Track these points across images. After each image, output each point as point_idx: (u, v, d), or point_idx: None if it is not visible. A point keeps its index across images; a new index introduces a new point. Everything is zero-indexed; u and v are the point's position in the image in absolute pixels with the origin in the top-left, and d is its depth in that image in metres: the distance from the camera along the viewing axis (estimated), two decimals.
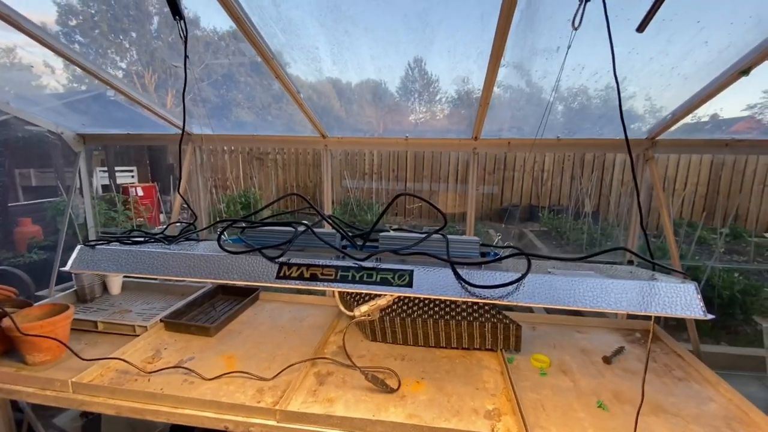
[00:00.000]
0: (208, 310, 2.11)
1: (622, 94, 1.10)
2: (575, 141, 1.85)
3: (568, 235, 6.03)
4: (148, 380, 1.49)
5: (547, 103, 1.56)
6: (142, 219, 7.07)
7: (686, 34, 1.15)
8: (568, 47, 1.13)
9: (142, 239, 1.07)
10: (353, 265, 0.87)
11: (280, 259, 0.90)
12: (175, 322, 1.88)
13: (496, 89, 1.45)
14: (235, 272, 0.90)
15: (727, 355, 2.68)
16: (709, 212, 6.84)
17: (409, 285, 0.83)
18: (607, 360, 1.65)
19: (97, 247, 0.99)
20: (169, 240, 1.10)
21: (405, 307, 1.78)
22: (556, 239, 6.26)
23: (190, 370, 1.54)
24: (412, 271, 0.85)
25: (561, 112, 1.76)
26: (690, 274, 3.34)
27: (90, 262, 0.95)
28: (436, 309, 1.74)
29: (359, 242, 1.11)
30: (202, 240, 1.18)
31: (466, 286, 0.82)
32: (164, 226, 1.26)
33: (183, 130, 1.36)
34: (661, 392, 1.47)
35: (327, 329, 1.88)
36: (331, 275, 0.86)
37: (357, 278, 0.85)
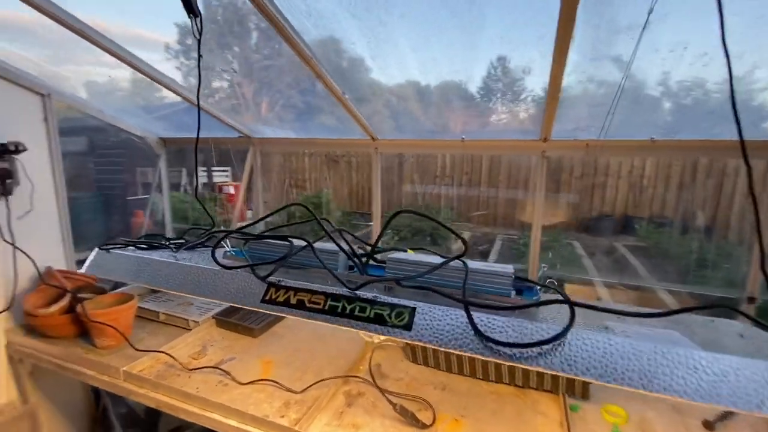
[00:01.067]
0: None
1: (746, 80, 0.81)
2: (677, 143, 1.48)
3: (672, 252, 5.14)
4: (189, 377, 1.53)
5: (646, 99, 1.25)
6: (230, 215, 7.76)
7: None
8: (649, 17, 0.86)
9: (156, 244, 1.07)
10: (345, 293, 0.74)
11: (271, 279, 0.81)
12: (224, 320, 1.93)
13: (566, 80, 1.20)
14: (223, 290, 0.83)
15: None
16: None
17: (407, 328, 0.67)
18: (709, 426, 1.28)
19: (112, 251, 1.01)
20: (177, 247, 1.09)
21: None
22: (655, 257, 5.38)
23: (226, 372, 1.55)
24: (413, 309, 0.69)
25: (656, 106, 1.41)
26: None
27: (104, 267, 0.97)
28: None
29: (367, 263, 0.97)
30: (214, 248, 1.15)
31: (482, 339, 0.63)
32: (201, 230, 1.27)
33: (198, 131, 1.33)
34: None
35: (366, 343, 1.78)
36: (319, 304, 0.74)
37: (348, 311, 0.72)
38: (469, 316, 0.67)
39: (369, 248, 1.01)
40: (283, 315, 0.75)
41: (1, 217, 1.74)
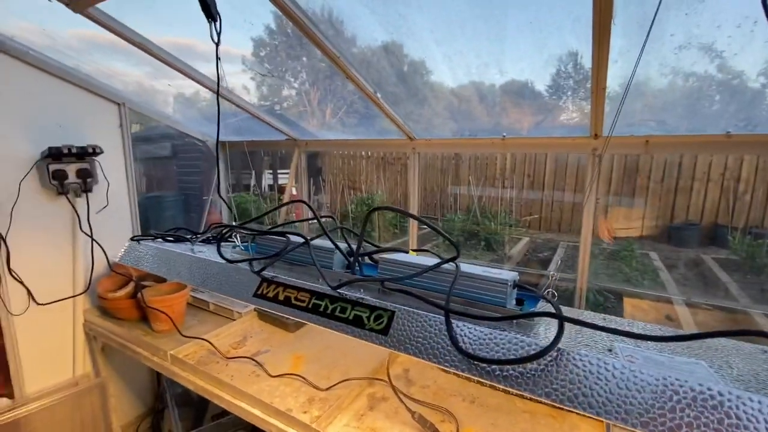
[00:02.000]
0: None
1: None
2: (758, 138, 1.24)
3: None
4: (226, 365, 1.62)
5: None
6: (293, 214, 8.21)
7: None
8: None
9: (181, 237, 1.14)
10: (330, 293, 0.71)
11: (265, 274, 0.81)
12: (265, 312, 2.02)
13: (612, 69, 1.06)
14: (225, 283, 0.85)
15: None
16: None
17: (384, 332, 0.62)
18: None
19: (142, 242, 1.09)
20: (202, 240, 1.14)
21: None
22: (750, 273, 4.63)
23: (259, 364, 1.61)
24: (393, 313, 0.64)
25: (728, 96, 1.19)
26: None
27: (132, 258, 1.06)
28: None
29: (362, 261, 0.93)
30: (219, 241, 1.18)
31: (458, 351, 0.56)
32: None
33: (218, 134, 1.38)
34: None
35: None
36: (304, 302, 0.72)
37: (329, 311, 0.69)
38: (448, 324, 0.61)
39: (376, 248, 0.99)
40: (271, 312, 0.75)
41: (82, 211, 1.99)
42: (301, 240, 0.94)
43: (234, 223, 1.02)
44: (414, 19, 1.03)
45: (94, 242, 2.01)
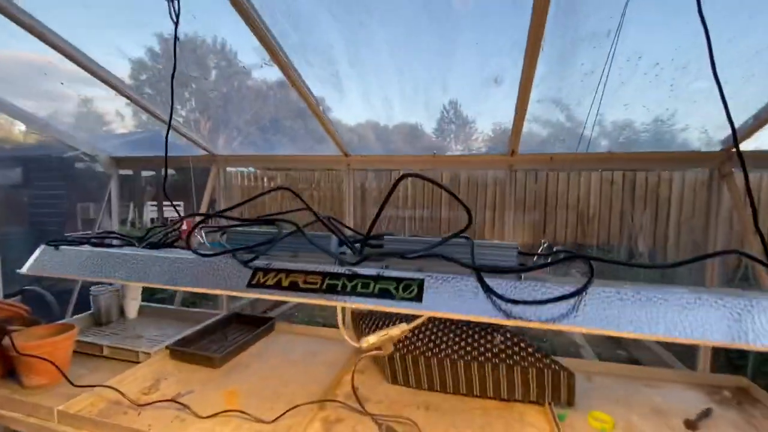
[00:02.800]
0: (220, 339, 1.96)
1: (687, 88, 0.89)
2: (632, 156, 1.60)
3: (622, 276, 5.44)
4: (138, 414, 1.33)
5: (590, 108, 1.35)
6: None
7: None
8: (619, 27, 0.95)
9: (113, 241, 0.96)
10: (345, 272, 0.68)
11: (256, 263, 0.73)
12: (180, 350, 1.74)
13: (534, 92, 1.27)
14: (203, 278, 0.74)
15: None
16: None
17: (418, 299, 0.62)
18: (691, 425, 1.29)
19: (62, 247, 0.88)
20: (145, 245, 0.98)
21: (431, 344, 1.53)
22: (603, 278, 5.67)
23: (184, 405, 1.36)
24: (422, 280, 0.65)
25: (611, 121, 1.54)
26: None
27: (51, 265, 0.84)
28: (468, 348, 1.48)
29: (362, 248, 0.91)
30: (189, 233, 1.03)
31: (499, 301, 0.60)
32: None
33: (169, 122, 1.26)
34: None
35: (342, 367, 1.66)
36: (316, 284, 0.67)
37: (349, 289, 0.66)
38: (481, 281, 0.64)
39: (362, 237, 0.96)
40: (276, 299, 0.67)
41: None
42: (292, 229, 0.86)
43: (206, 213, 0.87)
44: (374, 29, 1.09)
45: None
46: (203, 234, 0.91)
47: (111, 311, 2.15)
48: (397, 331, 0.99)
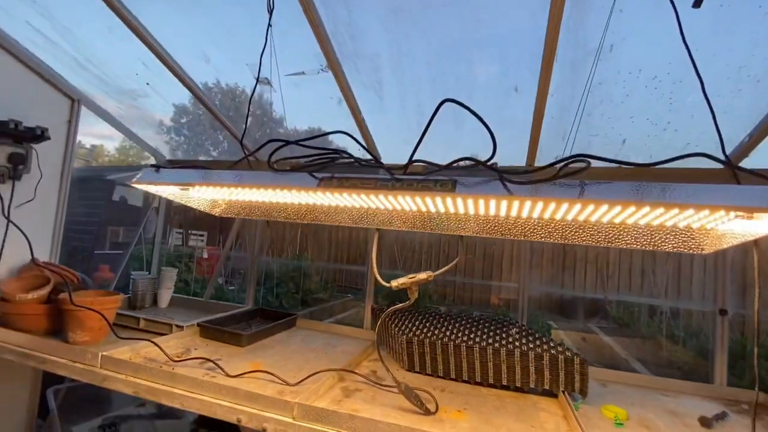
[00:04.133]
0: (245, 327, 2.06)
1: (684, 101, 1.06)
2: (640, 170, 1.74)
3: (643, 331, 5.27)
4: (173, 369, 1.43)
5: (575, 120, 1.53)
6: (202, 275, 7.51)
7: (749, 22, 1.10)
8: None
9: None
10: (388, 177, 0.83)
11: (322, 174, 0.89)
12: (210, 327, 1.85)
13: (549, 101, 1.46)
14: (280, 181, 0.91)
15: None
16: None
17: (452, 189, 0.76)
18: (706, 423, 1.29)
19: (163, 170, 1.07)
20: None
21: (448, 332, 1.60)
22: (629, 336, 5.47)
23: (216, 364, 1.46)
24: (455, 180, 0.79)
25: (621, 135, 1.68)
26: None
27: (158, 178, 1.03)
28: (485, 337, 1.55)
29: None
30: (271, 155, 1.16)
31: (511, 186, 0.73)
32: None
33: (248, 111, 1.46)
34: None
35: (359, 354, 1.73)
36: (371, 185, 0.82)
37: (396, 187, 0.80)
38: (502, 178, 0.78)
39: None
40: (340, 191, 0.82)
41: (4, 198, 1.73)
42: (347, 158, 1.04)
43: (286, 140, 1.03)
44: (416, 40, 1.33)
45: (14, 229, 1.72)
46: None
47: (146, 297, 2.29)
48: (424, 275, 1.10)
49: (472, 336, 1.55)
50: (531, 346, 1.44)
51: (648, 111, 1.39)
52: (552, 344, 1.44)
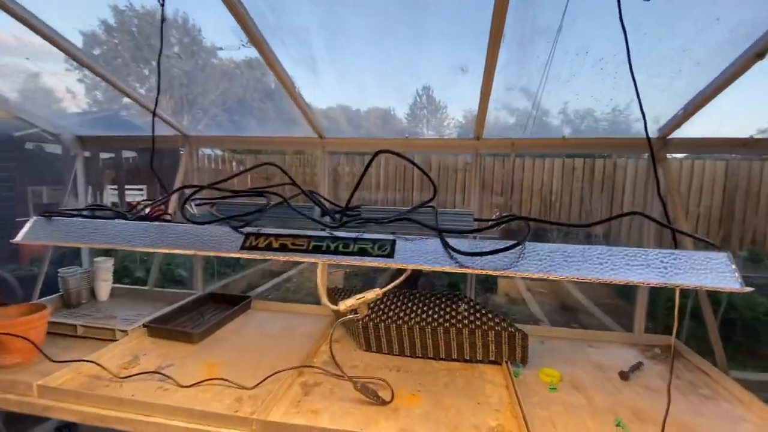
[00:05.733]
0: (196, 318, 2.00)
1: (629, 80, 1.02)
2: (582, 141, 1.77)
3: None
4: (121, 386, 1.38)
5: (537, 96, 1.49)
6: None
7: (697, 9, 1.07)
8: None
9: (104, 214, 0.99)
10: (327, 235, 0.77)
11: (247, 229, 0.81)
12: (157, 327, 1.77)
13: (497, 81, 1.38)
14: (198, 244, 0.80)
15: (757, 383, 2.46)
16: (725, 235, 6.59)
17: (390, 255, 0.73)
18: (624, 376, 1.49)
19: (54, 219, 0.91)
20: (135, 217, 1.02)
21: (401, 314, 1.65)
22: None
23: (166, 376, 1.42)
24: (393, 240, 0.75)
25: (563, 113, 1.68)
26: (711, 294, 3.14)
27: (45, 234, 0.87)
28: (435, 316, 1.62)
29: (342, 218, 1.00)
30: (183, 204, 1.07)
31: (454, 254, 0.71)
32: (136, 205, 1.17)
33: (154, 112, 1.26)
34: (687, 412, 1.30)
35: (319, 338, 1.76)
36: (304, 246, 0.76)
37: (332, 249, 0.75)
38: (442, 239, 0.75)
39: (341, 208, 1.05)
40: (269, 257, 0.75)
41: None
42: (279, 201, 0.93)
43: (200, 185, 0.90)
44: (347, 16, 1.15)
45: None
46: (193, 206, 0.96)
47: (81, 293, 2.13)
48: (372, 294, 1.09)
49: (424, 316, 1.61)
50: (478, 323, 1.53)
51: (593, 89, 1.36)
52: (497, 320, 1.53)
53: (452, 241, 0.75)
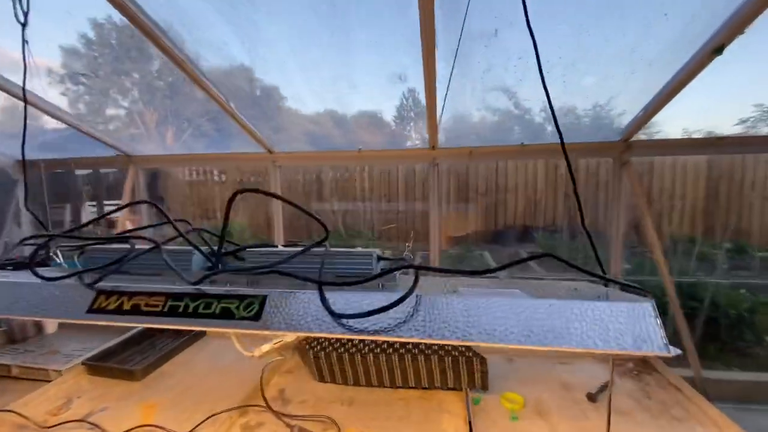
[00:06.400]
0: (147, 350, 1.88)
1: (579, 84, 0.93)
2: (540, 147, 1.67)
3: (566, 255, 5.76)
4: None
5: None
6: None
7: (642, 5, 0.99)
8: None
9: None
10: (190, 291, 0.66)
11: (101, 285, 0.69)
12: (97, 365, 1.65)
13: (440, 88, 1.28)
14: (44, 304, 0.69)
15: (738, 383, 2.39)
16: (708, 227, 6.57)
17: (256, 317, 0.62)
18: (591, 398, 1.40)
19: None
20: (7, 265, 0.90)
21: (355, 341, 1.54)
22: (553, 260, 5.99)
23: (94, 425, 1.30)
24: (265, 297, 0.64)
25: (525, 117, 1.59)
26: (691, 291, 3.07)
27: None
28: (389, 343, 1.51)
29: (225, 260, 0.89)
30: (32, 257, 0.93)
31: (333, 316, 0.60)
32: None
33: (24, 134, 1.15)
34: None
35: (271, 370, 1.64)
36: (158, 306, 0.64)
37: (191, 309, 0.64)
38: (322, 294, 0.64)
39: (235, 246, 0.93)
40: (116, 325, 0.64)
41: None
42: (149, 246, 0.81)
43: (52, 233, 0.78)
44: (263, 26, 1.05)
45: None
46: (59, 253, 0.85)
47: (26, 326, 2.00)
48: (292, 337, 0.99)
49: (377, 343, 1.51)
50: (434, 348, 1.43)
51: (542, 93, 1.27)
52: (453, 345, 1.43)
53: (335, 296, 0.64)
